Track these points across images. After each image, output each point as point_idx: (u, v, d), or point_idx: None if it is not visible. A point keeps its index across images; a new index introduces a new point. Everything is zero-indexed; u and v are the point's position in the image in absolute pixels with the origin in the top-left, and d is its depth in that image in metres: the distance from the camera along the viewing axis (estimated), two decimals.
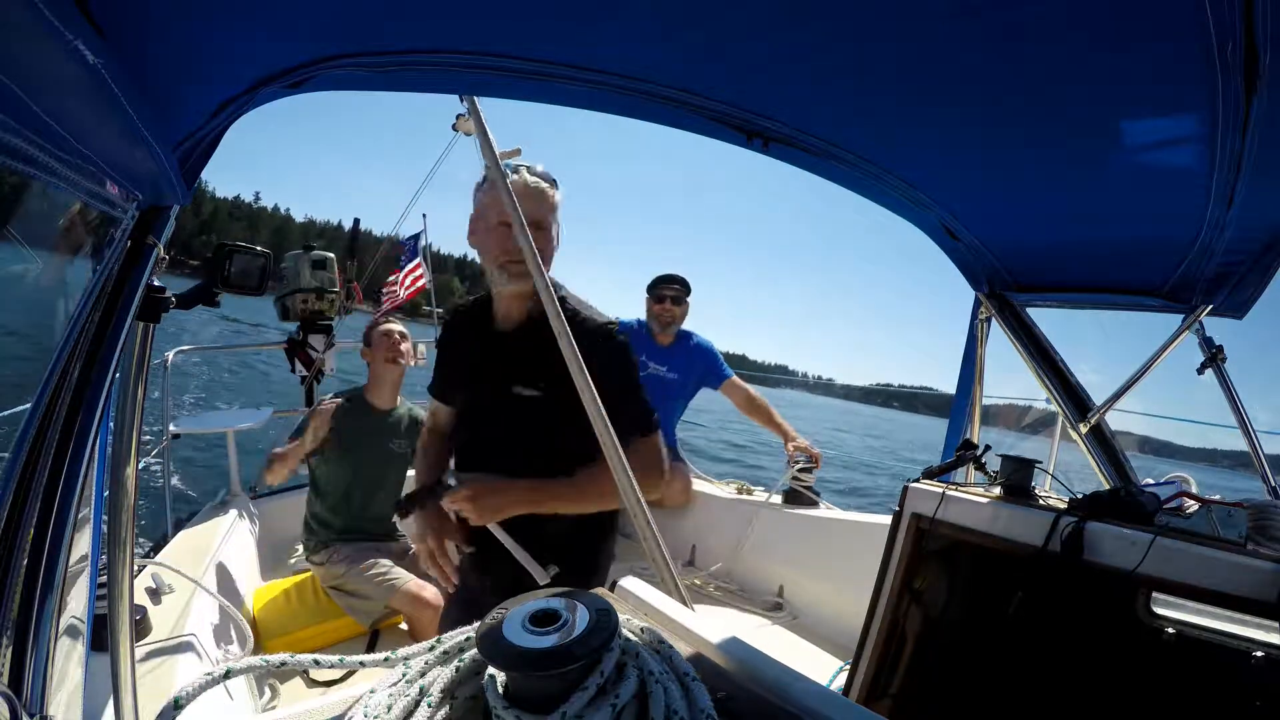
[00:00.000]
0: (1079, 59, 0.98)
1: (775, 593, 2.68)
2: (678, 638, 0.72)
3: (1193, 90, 0.99)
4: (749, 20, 0.97)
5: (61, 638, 0.69)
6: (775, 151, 1.45)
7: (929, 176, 1.59)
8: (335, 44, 0.95)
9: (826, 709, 0.58)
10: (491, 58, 1.09)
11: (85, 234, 0.77)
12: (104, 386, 0.75)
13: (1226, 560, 1.16)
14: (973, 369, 2.14)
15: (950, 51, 1.01)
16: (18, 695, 0.61)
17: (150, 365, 0.92)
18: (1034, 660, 1.39)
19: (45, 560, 0.67)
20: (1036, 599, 1.38)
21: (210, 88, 0.84)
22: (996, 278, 1.97)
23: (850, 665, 1.71)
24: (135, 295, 0.79)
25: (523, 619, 0.51)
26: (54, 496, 0.69)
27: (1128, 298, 1.83)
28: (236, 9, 0.74)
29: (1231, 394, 1.72)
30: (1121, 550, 1.27)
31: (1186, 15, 0.82)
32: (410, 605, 2.21)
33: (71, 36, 0.49)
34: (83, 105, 0.60)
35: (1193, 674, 1.22)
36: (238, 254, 1.01)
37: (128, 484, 0.92)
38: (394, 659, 0.59)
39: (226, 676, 0.55)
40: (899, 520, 1.64)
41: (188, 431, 3.20)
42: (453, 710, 0.52)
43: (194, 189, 0.89)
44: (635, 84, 1.22)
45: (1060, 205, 1.55)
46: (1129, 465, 1.90)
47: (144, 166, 0.75)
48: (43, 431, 0.69)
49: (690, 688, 0.53)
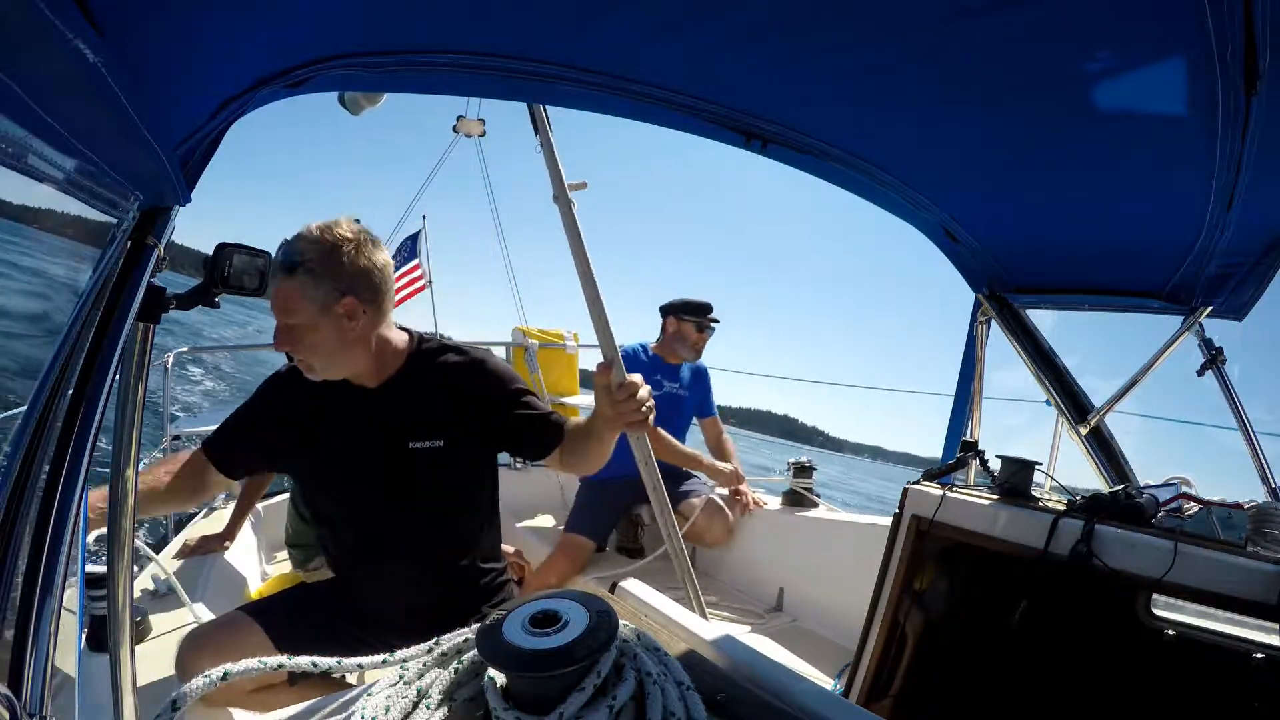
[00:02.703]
0: (1079, 61, 0.98)
1: (775, 594, 2.67)
2: (677, 639, 0.72)
3: (1193, 91, 0.99)
4: (747, 22, 0.97)
5: (61, 638, 0.69)
6: (773, 153, 1.45)
7: (928, 178, 1.59)
8: (335, 44, 0.95)
9: (826, 710, 0.58)
10: (491, 58, 1.09)
11: (85, 234, 0.77)
12: (104, 387, 0.75)
13: (1226, 562, 1.16)
14: (972, 370, 2.15)
15: (950, 53, 1.01)
16: (17, 696, 0.61)
17: (150, 365, 0.92)
18: (1034, 661, 1.39)
19: (45, 561, 0.67)
20: (1037, 600, 1.38)
21: (210, 87, 0.84)
22: (996, 279, 1.97)
23: (850, 666, 1.71)
24: (135, 295, 0.79)
25: (522, 620, 0.51)
26: (53, 497, 0.69)
27: (1128, 299, 1.83)
28: (237, 9, 0.74)
29: (1232, 395, 1.72)
30: (1121, 552, 1.27)
31: (1186, 16, 0.82)
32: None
33: (71, 36, 0.49)
34: (82, 105, 0.60)
35: (1193, 675, 1.22)
36: (237, 254, 1.01)
37: (128, 485, 0.92)
38: (392, 660, 0.59)
39: (224, 678, 0.55)
40: (899, 522, 1.64)
41: (188, 432, 3.20)
42: (452, 711, 0.52)
43: (194, 189, 0.89)
44: (633, 85, 1.22)
45: (1060, 207, 1.55)
46: (1129, 467, 1.90)
47: (144, 166, 0.75)
48: (41, 432, 0.69)
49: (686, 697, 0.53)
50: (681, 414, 2.93)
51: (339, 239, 1.19)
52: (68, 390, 0.72)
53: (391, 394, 1.30)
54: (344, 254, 1.18)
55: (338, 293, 1.18)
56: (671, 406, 2.86)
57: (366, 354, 1.26)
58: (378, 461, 1.30)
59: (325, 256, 1.17)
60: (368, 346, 1.26)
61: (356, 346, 1.24)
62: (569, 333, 4.00)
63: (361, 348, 1.25)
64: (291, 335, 1.19)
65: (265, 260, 1.07)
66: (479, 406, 1.31)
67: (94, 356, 0.74)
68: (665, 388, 2.86)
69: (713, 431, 3.06)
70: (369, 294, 1.22)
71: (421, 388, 1.30)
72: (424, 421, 1.29)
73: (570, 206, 1.72)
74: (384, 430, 1.29)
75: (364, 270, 1.21)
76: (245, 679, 0.56)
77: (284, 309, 1.18)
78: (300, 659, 0.60)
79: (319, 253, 1.17)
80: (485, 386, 1.33)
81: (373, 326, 1.25)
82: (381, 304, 1.26)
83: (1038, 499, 1.52)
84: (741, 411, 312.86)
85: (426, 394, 1.30)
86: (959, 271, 2.02)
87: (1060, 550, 1.32)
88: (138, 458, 0.93)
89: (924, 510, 1.58)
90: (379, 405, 1.30)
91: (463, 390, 1.31)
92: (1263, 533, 1.20)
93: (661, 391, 2.84)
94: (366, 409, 1.30)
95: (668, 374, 2.90)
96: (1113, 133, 1.18)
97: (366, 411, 1.30)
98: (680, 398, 2.91)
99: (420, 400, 1.30)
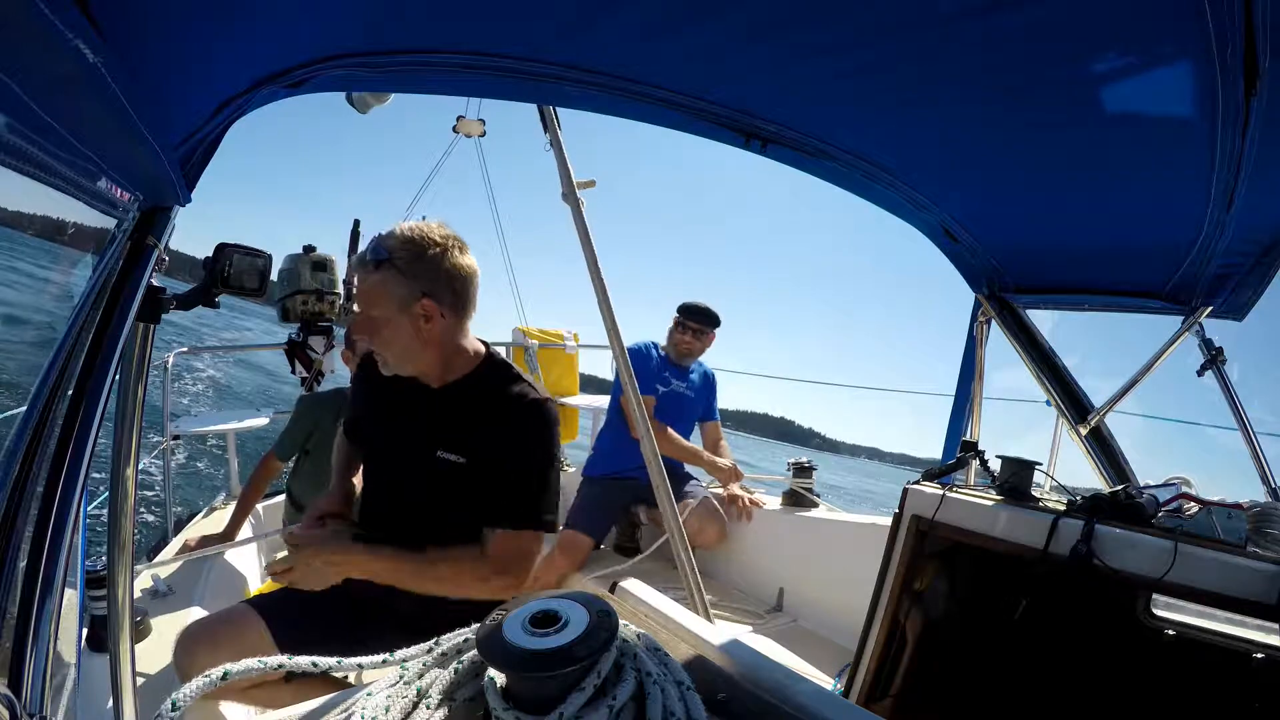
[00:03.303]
0: (1079, 61, 0.98)
1: (775, 594, 2.67)
2: (677, 639, 0.72)
3: (1193, 91, 0.99)
4: (747, 22, 0.97)
5: (61, 638, 0.69)
6: (773, 153, 1.45)
7: (928, 178, 1.59)
8: (335, 44, 0.95)
9: (826, 710, 0.58)
10: (491, 58, 1.09)
11: (85, 235, 0.77)
12: (104, 387, 0.75)
13: (1226, 562, 1.16)
14: (972, 370, 2.15)
15: (950, 53, 1.01)
16: (17, 696, 0.61)
17: (150, 366, 0.92)
18: (1034, 661, 1.39)
19: (45, 561, 0.67)
20: (1037, 600, 1.38)
21: (210, 87, 0.84)
22: (996, 279, 1.97)
23: (850, 666, 1.71)
24: (135, 296, 0.79)
25: (523, 620, 0.51)
26: (53, 497, 0.69)
27: (1128, 299, 1.83)
28: (237, 9, 0.74)
29: (1232, 396, 1.72)
30: (1121, 552, 1.27)
31: (1186, 16, 0.82)
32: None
33: (71, 36, 0.49)
34: (82, 105, 0.60)
35: (1193, 675, 1.22)
36: (237, 254, 1.01)
37: (128, 485, 0.92)
38: (392, 660, 0.59)
39: (224, 679, 0.55)
40: (899, 522, 1.64)
41: (188, 432, 3.20)
42: (452, 711, 0.52)
43: (194, 189, 0.89)
44: (634, 85, 1.22)
45: (1060, 207, 1.55)
46: (1129, 467, 1.90)
47: (144, 166, 0.75)
48: (41, 432, 0.69)
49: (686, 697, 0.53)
50: (685, 415, 2.94)
51: (429, 241, 1.21)
52: (68, 390, 0.72)
53: (444, 399, 1.31)
54: (431, 256, 1.20)
55: (420, 293, 1.20)
56: (676, 406, 2.86)
57: (438, 356, 1.28)
58: (407, 459, 1.33)
59: (414, 256, 1.19)
60: (440, 349, 1.27)
61: (430, 348, 1.25)
62: (569, 332, 4.00)
63: (434, 349, 1.26)
64: (370, 326, 1.22)
65: (265, 261, 1.07)
66: (495, 450, 1.27)
67: (94, 357, 0.74)
68: (672, 385, 2.87)
69: (712, 436, 3.06)
70: (449, 298, 1.23)
71: (470, 403, 1.30)
72: (457, 435, 1.28)
73: (579, 205, 1.72)
74: (423, 430, 1.31)
75: (448, 274, 1.22)
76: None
77: (367, 300, 1.22)
78: (300, 659, 0.60)
79: (408, 252, 1.19)
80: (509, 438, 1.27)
81: (449, 331, 1.26)
82: (461, 310, 1.27)
83: (1038, 499, 1.52)
84: (738, 414, 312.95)
85: (471, 411, 1.29)
86: (959, 271, 2.02)
87: (1060, 550, 1.32)
88: (138, 458, 0.93)
89: (924, 510, 1.58)
90: (429, 405, 1.32)
91: (497, 422, 1.28)
92: (1263, 533, 1.20)
93: (668, 388, 2.84)
94: (418, 406, 1.33)
95: (675, 373, 2.91)
96: (1113, 133, 1.18)
97: (417, 408, 1.33)
98: (686, 398, 2.92)
99: (463, 414, 1.29)
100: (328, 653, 0.63)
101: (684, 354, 2.90)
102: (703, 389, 3.00)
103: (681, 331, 2.89)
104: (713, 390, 3.07)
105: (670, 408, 2.83)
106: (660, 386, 2.83)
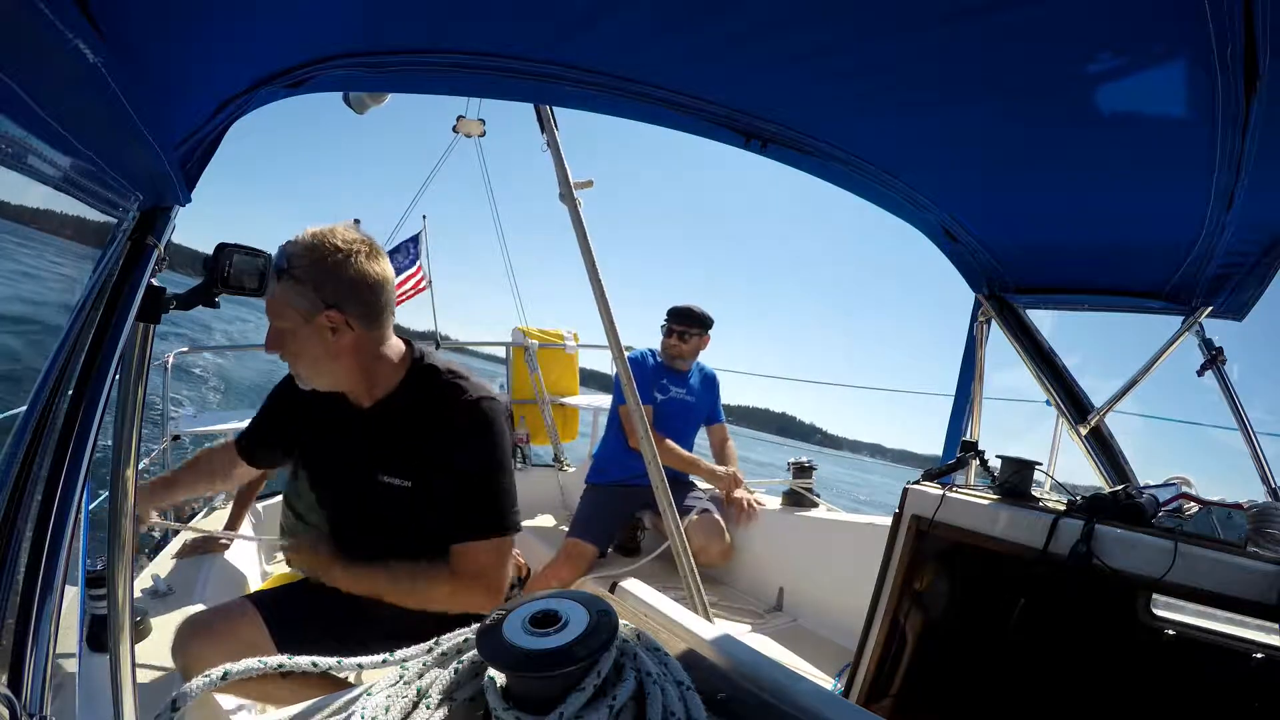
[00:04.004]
0: (1079, 61, 0.98)
1: (775, 594, 2.67)
2: (678, 639, 0.72)
3: (1193, 91, 0.99)
4: (747, 22, 0.97)
5: (61, 638, 0.69)
6: (773, 153, 1.45)
7: (929, 177, 1.59)
8: (335, 44, 0.95)
9: (826, 710, 0.58)
10: (491, 58, 1.09)
11: (85, 234, 0.77)
12: (104, 387, 0.75)
13: (1226, 562, 1.16)
14: (972, 370, 2.15)
15: (950, 53, 1.01)
16: (17, 695, 0.61)
17: (150, 365, 0.92)
18: (1034, 661, 1.39)
19: (45, 561, 0.67)
20: (1036, 600, 1.38)
21: (210, 87, 0.84)
22: (996, 279, 1.97)
23: (850, 666, 1.71)
24: (135, 295, 0.79)
25: (523, 620, 0.51)
26: (53, 497, 0.69)
27: (1128, 299, 1.83)
28: (237, 9, 0.74)
29: (1232, 396, 1.72)
30: (1121, 552, 1.27)
31: (1186, 16, 0.82)
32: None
33: (71, 36, 0.49)
34: (83, 105, 0.60)
35: (1192, 675, 1.22)
36: (237, 254, 1.01)
37: (128, 485, 0.92)
38: (392, 660, 0.59)
39: (224, 678, 0.55)
40: (899, 522, 1.64)
41: (188, 432, 3.20)
42: (452, 711, 0.52)
43: (194, 189, 0.89)
44: (633, 85, 1.22)
45: (1060, 207, 1.55)
46: (1129, 467, 1.90)
47: (144, 166, 0.75)
48: (41, 432, 0.69)
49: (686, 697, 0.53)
50: (687, 420, 2.91)
51: (329, 247, 1.15)
52: (68, 390, 0.72)
53: (377, 419, 1.26)
54: (333, 263, 1.14)
55: (322, 304, 1.15)
56: (676, 412, 2.84)
57: (355, 369, 1.22)
58: (352, 487, 1.28)
59: (311, 265, 1.14)
60: (356, 361, 1.22)
61: (342, 360, 1.20)
62: (569, 332, 4.01)
63: (348, 361, 1.21)
64: (278, 339, 1.19)
65: (265, 260, 1.07)
66: (441, 467, 1.22)
67: (94, 356, 0.74)
68: (671, 392, 2.84)
69: (718, 437, 3.04)
70: (358, 308, 1.17)
71: (404, 418, 1.25)
72: (397, 456, 1.23)
73: (576, 205, 1.72)
74: (361, 456, 1.26)
75: (352, 283, 1.16)
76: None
77: (272, 312, 1.17)
78: (300, 659, 0.59)
79: (306, 261, 1.14)
80: (453, 449, 1.21)
81: (363, 342, 1.21)
82: (374, 319, 1.20)
83: (1038, 499, 1.52)
84: (739, 409, 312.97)
85: (408, 430, 1.24)
86: (959, 271, 2.02)
87: (1060, 550, 1.32)
88: (138, 458, 0.93)
89: (924, 510, 1.58)
90: (363, 428, 1.27)
91: (434, 437, 1.22)
92: (1263, 533, 1.20)
93: (667, 395, 2.82)
94: (352, 430, 1.28)
95: (674, 379, 2.88)
96: (1113, 132, 1.18)
97: (352, 433, 1.28)
98: (686, 403, 2.89)
99: (399, 432, 1.24)
100: (326, 650, 0.63)
101: (674, 358, 2.87)
102: (704, 391, 2.98)
103: (668, 335, 2.87)
104: (715, 392, 3.05)
105: (671, 414, 2.81)
106: (658, 395, 2.80)
